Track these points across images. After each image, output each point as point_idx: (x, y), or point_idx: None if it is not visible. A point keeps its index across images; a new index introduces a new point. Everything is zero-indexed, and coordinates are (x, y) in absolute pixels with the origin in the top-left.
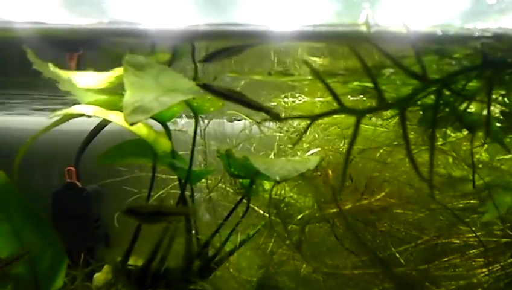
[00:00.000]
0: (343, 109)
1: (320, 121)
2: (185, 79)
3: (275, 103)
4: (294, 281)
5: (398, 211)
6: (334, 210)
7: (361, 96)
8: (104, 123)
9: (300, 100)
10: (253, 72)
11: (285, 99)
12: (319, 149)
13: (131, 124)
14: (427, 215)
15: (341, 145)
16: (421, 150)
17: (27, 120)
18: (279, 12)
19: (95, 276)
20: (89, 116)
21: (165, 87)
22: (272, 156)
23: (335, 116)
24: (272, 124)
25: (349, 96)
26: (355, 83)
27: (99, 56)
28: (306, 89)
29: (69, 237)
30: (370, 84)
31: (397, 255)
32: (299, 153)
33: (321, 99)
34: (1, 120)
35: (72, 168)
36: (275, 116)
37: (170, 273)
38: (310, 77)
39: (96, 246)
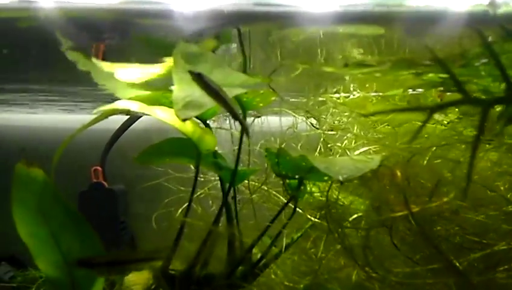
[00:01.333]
0: (467, 100)
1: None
2: (239, 73)
3: (324, 98)
4: (345, 289)
5: (469, 215)
6: (400, 213)
7: (434, 88)
8: (130, 121)
9: (353, 95)
10: (325, 64)
11: (336, 94)
12: (368, 148)
13: (183, 120)
14: (501, 219)
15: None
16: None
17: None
18: None
19: (125, 278)
20: (135, 113)
21: (216, 82)
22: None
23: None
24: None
25: (410, 90)
26: (430, 75)
27: (125, 46)
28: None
29: None
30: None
31: (456, 261)
32: (348, 153)
33: (376, 94)
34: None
35: (98, 168)
36: (245, 130)
37: (213, 279)
38: (384, 68)
39: (123, 248)
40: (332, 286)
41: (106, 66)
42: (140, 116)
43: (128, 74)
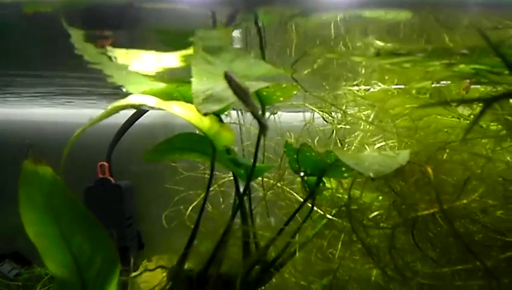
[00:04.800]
0: None
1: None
2: (261, 62)
3: (341, 92)
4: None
5: (498, 213)
6: (428, 212)
7: (467, 80)
8: (136, 116)
9: (374, 88)
10: (353, 54)
11: (356, 88)
12: (386, 143)
13: (204, 114)
14: None
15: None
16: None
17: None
18: None
19: (137, 278)
20: (152, 108)
21: (238, 74)
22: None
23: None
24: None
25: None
26: (461, 66)
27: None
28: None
29: None
30: (485, 67)
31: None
32: (368, 148)
33: (398, 86)
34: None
35: (105, 163)
36: (263, 128)
37: (230, 279)
38: (418, 58)
39: (130, 245)
40: (350, 287)
41: (121, 55)
42: (147, 111)
43: (142, 65)
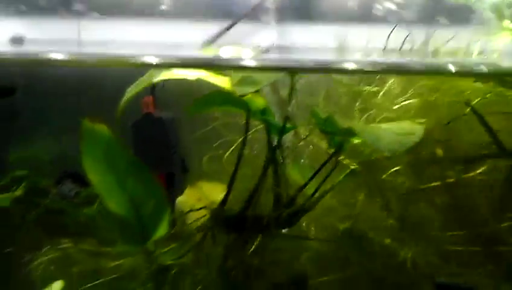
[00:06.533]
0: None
1: None
2: None
3: None
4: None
5: None
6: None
7: None
8: None
9: None
10: None
11: None
12: None
13: (241, 96)
14: None
15: None
16: None
17: None
18: None
19: (177, 200)
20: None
21: None
22: None
23: None
24: None
25: None
26: None
27: None
28: None
29: (150, 164)
30: None
31: None
32: None
33: None
34: None
35: (148, 98)
36: None
37: (263, 220)
38: None
39: (175, 172)
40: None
41: None
42: None
43: None
